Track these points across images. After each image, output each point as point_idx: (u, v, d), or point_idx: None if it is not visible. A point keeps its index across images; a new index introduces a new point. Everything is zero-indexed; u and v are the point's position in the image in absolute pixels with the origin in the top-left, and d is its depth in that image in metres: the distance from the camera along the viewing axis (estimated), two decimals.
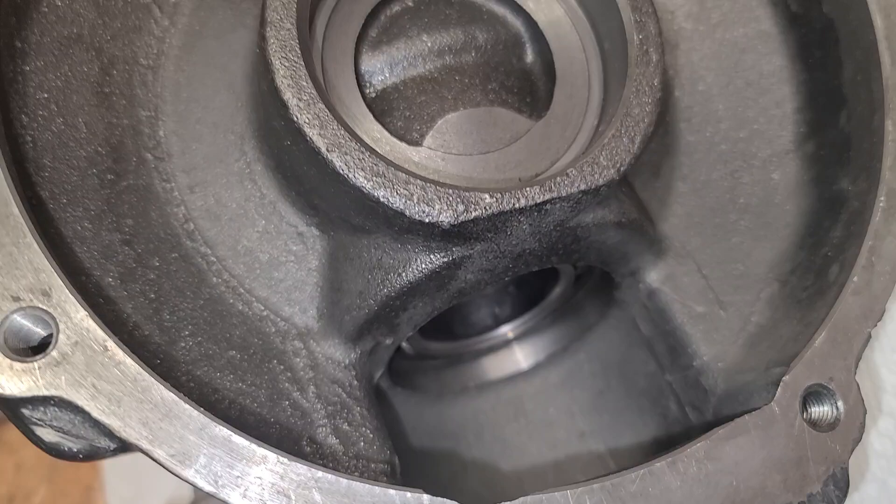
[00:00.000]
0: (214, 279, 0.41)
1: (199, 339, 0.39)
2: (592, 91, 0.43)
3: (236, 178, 0.42)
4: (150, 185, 0.41)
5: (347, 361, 0.41)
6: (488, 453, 0.50)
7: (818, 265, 0.42)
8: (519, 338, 0.52)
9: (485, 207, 0.36)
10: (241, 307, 0.41)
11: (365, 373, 0.42)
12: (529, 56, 0.45)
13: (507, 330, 0.52)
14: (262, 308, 0.41)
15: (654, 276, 0.46)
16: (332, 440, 0.39)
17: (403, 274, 0.39)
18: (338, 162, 0.35)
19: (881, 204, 0.40)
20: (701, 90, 0.50)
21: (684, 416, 0.46)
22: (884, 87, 0.41)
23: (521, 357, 0.52)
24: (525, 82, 0.44)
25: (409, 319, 0.41)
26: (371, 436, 0.40)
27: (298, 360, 0.41)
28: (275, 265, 0.42)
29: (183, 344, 0.38)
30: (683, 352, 0.45)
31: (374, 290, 0.39)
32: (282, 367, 0.40)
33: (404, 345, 0.50)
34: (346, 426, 0.40)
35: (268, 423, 0.38)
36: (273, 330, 0.41)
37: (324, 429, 0.39)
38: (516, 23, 0.44)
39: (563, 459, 0.50)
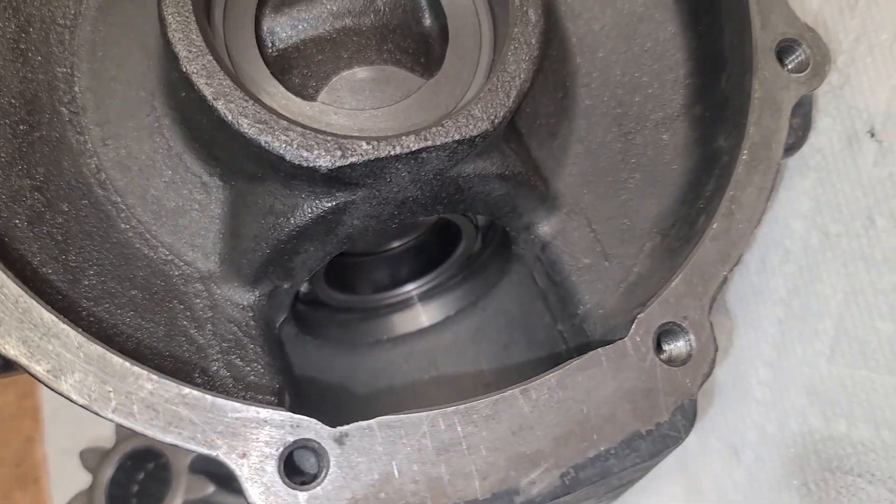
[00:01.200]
0: (123, 225, 0.43)
1: (103, 279, 0.41)
2: (483, 52, 0.45)
3: (146, 131, 0.44)
4: (64, 136, 0.43)
5: (245, 303, 0.44)
6: (397, 403, 0.53)
7: (692, 217, 0.44)
8: (427, 295, 0.54)
9: (361, 154, 0.38)
10: (146, 251, 0.43)
11: (263, 314, 0.44)
12: (427, 20, 0.47)
13: (413, 287, 0.55)
14: (167, 253, 0.43)
15: (546, 230, 0.48)
16: (224, 373, 0.41)
17: (292, 218, 0.41)
18: (222, 109, 0.37)
19: (744, 157, 0.42)
20: (601, 56, 0.52)
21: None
22: (753, 49, 0.43)
23: (433, 313, 0.54)
24: (421, 44, 0.46)
25: (302, 264, 0.43)
26: (262, 370, 0.42)
27: (198, 300, 0.43)
28: (180, 213, 0.44)
29: (86, 282, 0.41)
30: (571, 301, 0.47)
31: (267, 234, 0.42)
32: (182, 306, 0.42)
33: (322, 297, 0.52)
34: (238, 361, 0.42)
35: (163, 356, 0.40)
36: (176, 273, 0.43)
37: (217, 363, 0.41)
38: None
39: None
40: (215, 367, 0.41)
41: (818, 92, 0.49)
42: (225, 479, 0.51)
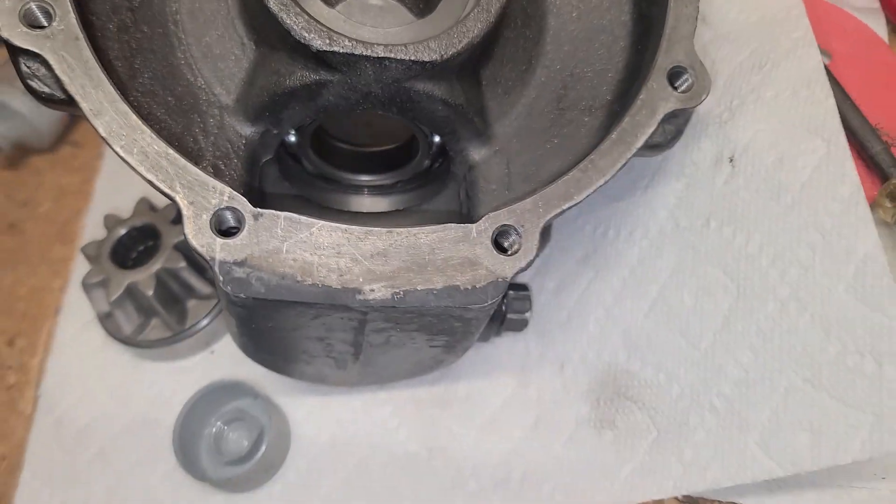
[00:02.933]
0: (179, 54, 0.60)
1: (153, 82, 0.58)
2: (466, 10, 0.60)
3: None
4: None
5: (242, 133, 0.60)
6: None
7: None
8: (379, 189, 0.69)
9: (342, 46, 0.53)
10: (189, 76, 0.60)
11: (252, 146, 0.60)
12: None
13: (369, 179, 0.69)
14: (203, 82, 0.60)
15: (475, 157, 0.63)
16: (209, 171, 0.57)
17: (287, 80, 0.57)
18: None
19: (612, 136, 0.55)
20: (565, 49, 0.66)
21: None
22: (652, 67, 0.57)
23: (380, 204, 0.69)
24: None
25: (288, 118, 0.59)
26: (235, 178, 0.58)
27: (211, 120, 0.59)
28: (220, 58, 0.60)
29: (140, 80, 0.57)
30: (474, 213, 0.62)
31: (270, 87, 0.57)
32: (199, 119, 0.59)
33: (303, 158, 0.68)
34: (222, 166, 0.58)
35: (172, 143, 0.57)
36: (203, 97, 0.60)
37: (207, 162, 0.58)
38: None
39: None
40: (205, 164, 0.57)
41: (711, 122, 0.62)
42: (193, 260, 0.68)
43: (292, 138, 0.64)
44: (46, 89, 0.51)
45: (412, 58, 0.54)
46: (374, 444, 0.62)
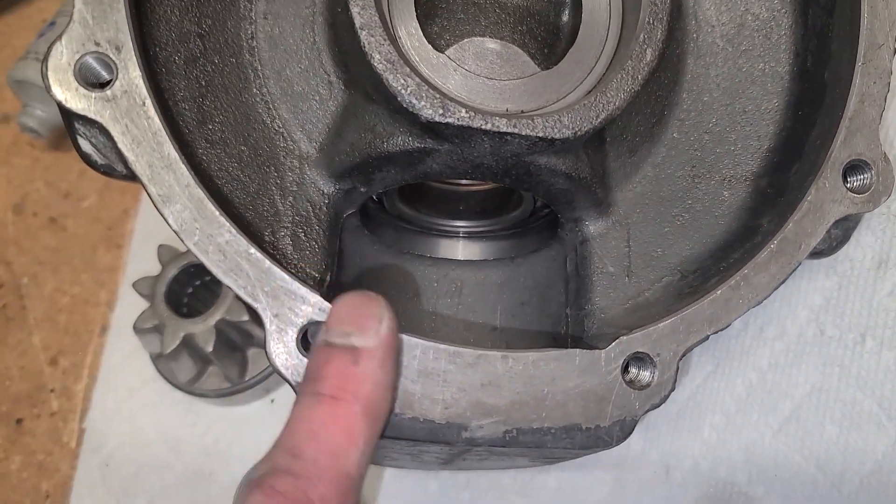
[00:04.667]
0: (254, 90, 0.50)
1: (224, 128, 0.48)
2: (598, 64, 0.49)
3: (301, 20, 0.50)
4: (235, 1, 0.50)
5: (326, 191, 0.51)
6: (418, 314, 0.59)
7: (710, 274, 0.49)
8: (473, 235, 0.60)
9: (458, 118, 0.43)
10: (265, 118, 0.50)
11: (336, 205, 0.51)
12: (565, 17, 0.51)
13: (464, 225, 0.61)
14: (281, 126, 0.50)
15: (590, 230, 0.54)
16: (287, 241, 0.49)
17: (385, 144, 0.47)
18: (363, 39, 0.43)
19: (772, 246, 0.46)
20: (704, 100, 0.55)
21: (566, 345, 0.54)
22: (825, 159, 0.46)
23: (473, 251, 0.61)
24: (550, 36, 0.50)
25: (381, 179, 0.50)
26: (318, 250, 0.49)
27: (290, 174, 0.50)
28: (302, 98, 0.50)
29: (210, 126, 0.48)
30: (584, 295, 0.53)
31: (362, 147, 0.48)
32: (276, 174, 0.50)
33: (386, 203, 0.59)
34: (302, 235, 0.49)
35: (247, 207, 0.48)
36: (281, 145, 0.50)
37: (285, 230, 0.49)
38: None
39: (470, 340, 0.59)
40: (283, 233, 0.49)
41: (876, 215, 0.52)
42: (258, 316, 0.60)
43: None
44: (105, 161, 0.42)
45: (540, 135, 0.44)
46: None
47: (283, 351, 0.41)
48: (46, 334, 0.70)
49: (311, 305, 0.41)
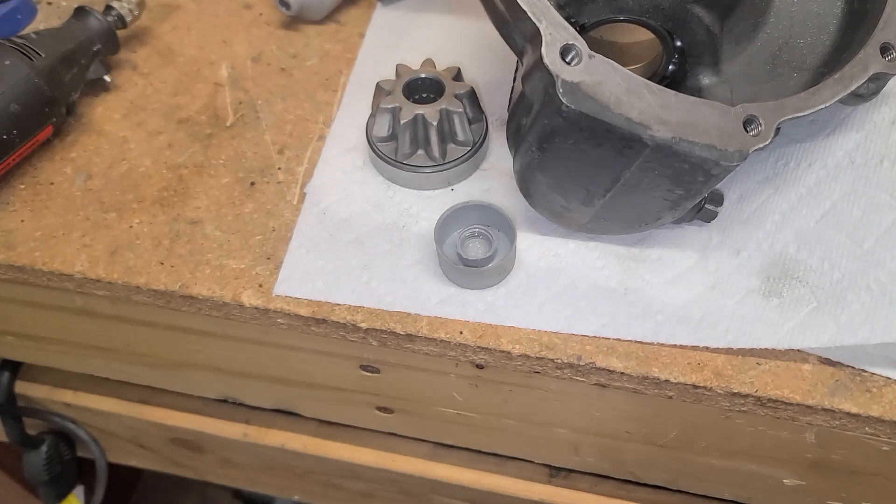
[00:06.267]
0: None
1: None
2: None
3: None
4: None
5: None
6: None
7: None
8: None
9: None
10: None
11: None
12: None
13: None
14: None
15: (705, 81, 0.80)
16: None
17: None
18: None
19: (835, 76, 0.73)
20: (783, 22, 0.84)
21: None
22: (868, 41, 0.75)
23: None
24: None
25: (589, 10, 0.77)
26: None
27: None
28: None
29: None
30: None
31: None
32: None
33: None
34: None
35: None
36: None
37: None
38: None
39: None
40: None
41: (892, 96, 0.80)
42: (465, 111, 0.85)
43: None
44: None
45: None
46: (582, 275, 0.77)
47: (551, 54, 0.66)
48: (275, 135, 0.92)
49: (569, 33, 0.66)
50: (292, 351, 0.91)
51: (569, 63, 0.66)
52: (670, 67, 0.84)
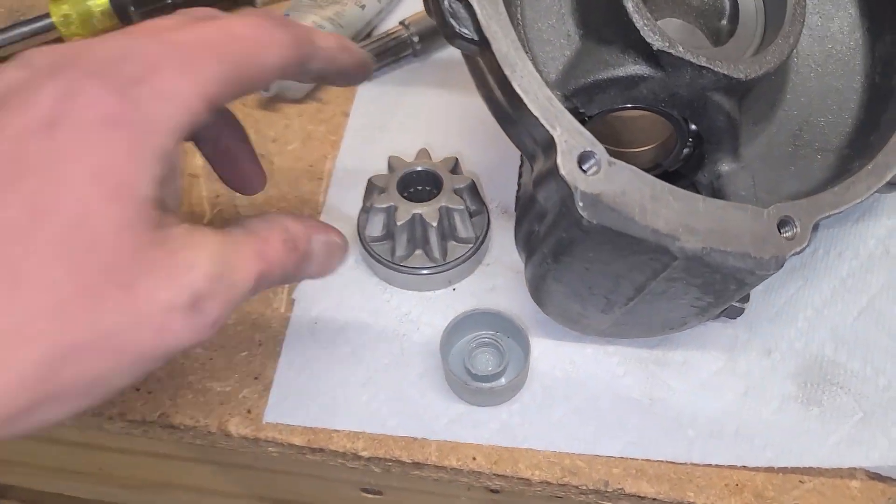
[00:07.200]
0: (518, 31, 0.71)
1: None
2: (751, 47, 0.73)
3: None
4: None
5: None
6: None
7: None
8: None
9: (677, 50, 0.65)
10: (525, 50, 0.71)
11: None
12: (724, 21, 0.75)
13: None
14: (532, 58, 0.71)
15: (724, 168, 0.75)
16: None
17: (615, 70, 0.68)
18: None
19: (868, 167, 0.67)
20: (802, 100, 0.79)
21: None
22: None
23: None
24: (715, 31, 0.74)
25: (599, 100, 0.70)
26: None
27: None
28: (548, 43, 0.72)
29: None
30: None
31: (595, 72, 0.69)
32: None
33: None
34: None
35: None
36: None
37: None
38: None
39: None
40: None
41: None
42: (466, 206, 0.78)
43: None
44: (464, 30, 0.62)
45: (725, 72, 0.66)
46: (603, 384, 0.71)
47: (568, 164, 0.59)
48: None
49: (587, 140, 0.60)
50: (286, 475, 0.83)
51: (587, 172, 0.60)
52: (685, 150, 0.78)
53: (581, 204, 0.59)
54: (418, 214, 0.75)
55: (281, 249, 0.49)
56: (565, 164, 0.59)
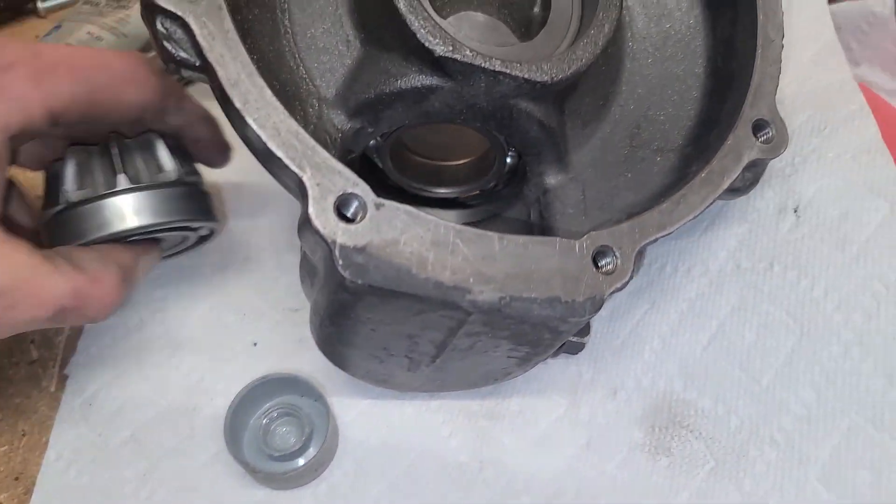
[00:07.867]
0: (284, 41, 0.59)
1: (261, 64, 0.56)
2: (565, 42, 0.62)
3: None
4: None
5: (339, 126, 0.59)
6: None
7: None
8: (450, 203, 0.70)
9: (464, 55, 0.54)
10: (292, 65, 0.59)
11: (346, 141, 0.60)
12: (536, 9, 0.64)
13: (445, 191, 0.70)
14: (305, 73, 0.59)
15: (552, 182, 0.64)
16: None
17: (398, 81, 0.57)
18: None
19: (702, 175, 0.57)
20: (639, 92, 0.68)
21: None
22: (739, 117, 0.60)
23: (448, 217, 0.70)
24: (525, 23, 0.63)
25: (388, 118, 0.59)
26: None
27: (311, 110, 0.59)
28: (324, 52, 0.60)
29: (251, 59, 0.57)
30: (548, 234, 0.63)
31: (377, 84, 0.57)
32: (300, 107, 0.58)
33: (383, 167, 0.68)
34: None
35: None
36: (304, 87, 0.59)
37: None
38: None
39: None
40: None
41: (774, 175, 0.65)
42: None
43: (373, 142, 0.64)
44: (182, 54, 0.49)
45: (525, 76, 0.55)
46: (425, 450, 0.61)
47: (321, 214, 0.48)
48: None
49: (347, 179, 0.49)
50: None
51: (350, 220, 0.48)
52: (508, 160, 0.67)
53: (341, 262, 0.47)
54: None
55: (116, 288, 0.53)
56: (319, 214, 0.48)
